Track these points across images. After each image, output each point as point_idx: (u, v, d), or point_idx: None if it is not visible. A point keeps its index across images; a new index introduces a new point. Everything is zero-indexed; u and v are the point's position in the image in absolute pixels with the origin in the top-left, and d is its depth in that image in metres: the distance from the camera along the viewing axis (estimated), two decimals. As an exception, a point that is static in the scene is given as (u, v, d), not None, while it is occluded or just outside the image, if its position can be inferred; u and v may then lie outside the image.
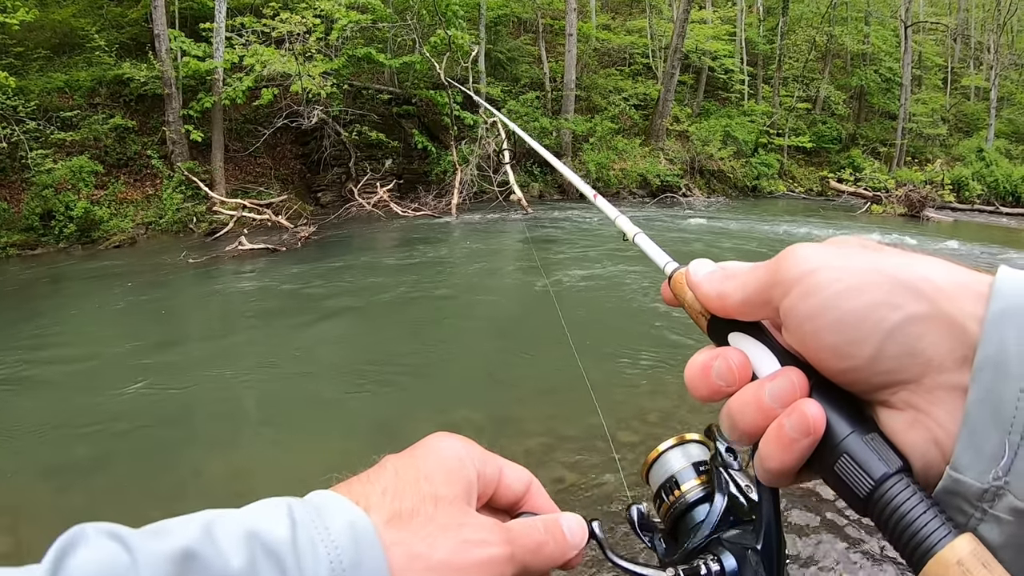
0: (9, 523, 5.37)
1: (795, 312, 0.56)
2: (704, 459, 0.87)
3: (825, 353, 0.55)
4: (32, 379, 8.89)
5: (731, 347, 0.63)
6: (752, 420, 0.58)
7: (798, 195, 29.06)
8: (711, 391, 0.62)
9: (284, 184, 22.90)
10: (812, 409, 0.54)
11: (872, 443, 0.53)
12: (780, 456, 0.55)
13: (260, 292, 12.81)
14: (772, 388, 0.57)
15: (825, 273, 0.55)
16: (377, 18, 23.53)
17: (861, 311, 0.52)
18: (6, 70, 17.85)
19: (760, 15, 35.72)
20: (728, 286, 0.63)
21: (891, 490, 0.51)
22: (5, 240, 17.40)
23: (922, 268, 0.53)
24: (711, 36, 30.58)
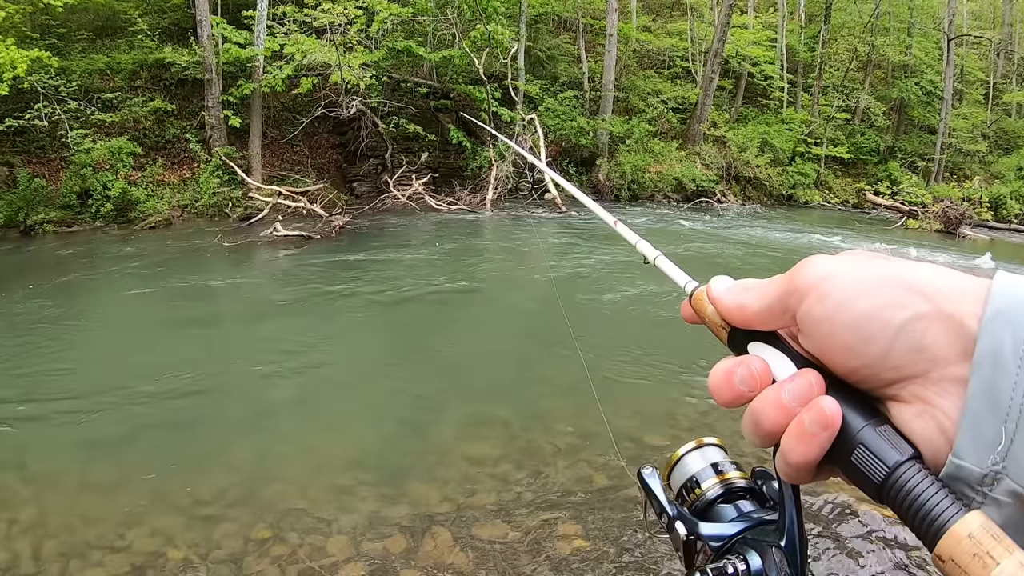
0: (35, 493, 5.34)
1: (811, 315, 0.60)
2: (721, 460, 0.93)
3: (839, 353, 0.59)
4: (63, 354, 8.91)
5: (752, 355, 0.66)
6: (773, 419, 0.61)
7: (833, 206, 28.71)
8: (734, 396, 0.65)
9: (320, 173, 22.92)
10: (829, 404, 0.58)
11: (885, 434, 0.57)
12: (801, 449, 0.59)
13: (293, 278, 12.80)
14: (791, 388, 0.61)
15: (839, 279, 0.59)
16: (418, 11, 23.50)
17: (872, 311, 0.57)
18: (49, 50, 17.86)
19: (802, 22, 35.41)
20: (747, 297, 0.67)
21: (904, 475, 0.55)
22: (43, 216, 17.56)
23: (926, 273, 0.58)
24: (752, 41, 30.33)
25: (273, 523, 4.78)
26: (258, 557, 4.42)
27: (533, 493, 5.16)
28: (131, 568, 4.34)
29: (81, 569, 4.34)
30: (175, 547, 4.53)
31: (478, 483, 5.33)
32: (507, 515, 4.85)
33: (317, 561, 4.38)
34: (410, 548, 4.52)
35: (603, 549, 4.49)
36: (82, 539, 4.63)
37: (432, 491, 5.22)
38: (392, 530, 4.70)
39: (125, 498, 5.15)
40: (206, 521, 4.84)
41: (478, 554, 4.46)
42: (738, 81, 31.39)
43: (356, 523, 4.79)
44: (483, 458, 5.74)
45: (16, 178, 17.96)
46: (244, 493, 5.23)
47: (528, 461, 5.66)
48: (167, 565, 4.37)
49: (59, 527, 4.80)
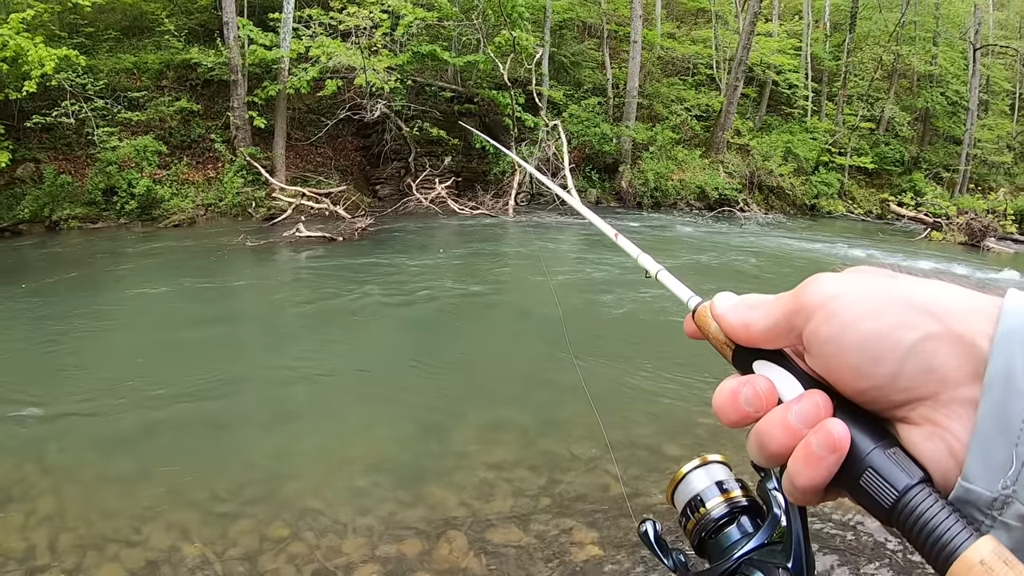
0: (53, 485, 5.38)
1: (818, 336, 0.59)
2: (725, 478, 0.91)
3: (847, 374, 0.58)
4: (84, 348, 9.00)
5: (757, 374, 0.65)
6: (780, 441, 0.60)
7: (857, 216, 28.47)
8: (739, 416, 0.64)
9: (343, 175, 23.04)
10: (837, 427, 0.57)
11: (894, 456, 0.56)
12: (809, 473, 0.58)
13: (314, 280, 12.88)
14: (798, 410, 0.60)
15: (846, 298, 0.58)
16: (443, 16, 23.54)
17: (881, 332, 0.56)
18: (77, 49, 18.06)
19: (827, 30, 35.20)
20: (752, 315, 0.66)
21: (914, 499, 0.54)
22: (68, 212, 17.79)
23: (935, 292, 0.57)
24: (776, 49, 30.18)
25: (290, 522, 4.79)
26: (274, 555, 4.44)
27: (549, 499, 5.15)
28: (146, 563, 4.36)
29: (97, 562, 4.36)
30: (191, 543, 4.55)
31: (494, 488, 5.33)
32: (522, 521, 4.85)
33: (332, 561, 4.40)
34: (425, 551, 4.53)
35: (617, 558, 4.48)
36: (98, 532, 4.66)
37: (449, 495, 5.22)
38: (408, 533, 4.71)
39: (142, 493, 5.18)
40: (223, 518, 4.86)
41: (493, 559, 4.46)
42: (762, 89, 31.21)
43: (372, 525, 4.79)
44: (500, 463, 5.74)
45: (43, 174, 18.18)
46: (261, 491, 5.25)
47: (545, 467, 5.65)
48: (183, 561, 4.38)
49: (76, 519, 4.84)
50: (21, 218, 17.62)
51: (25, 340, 9.28)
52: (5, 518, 4.84)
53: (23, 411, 6.72)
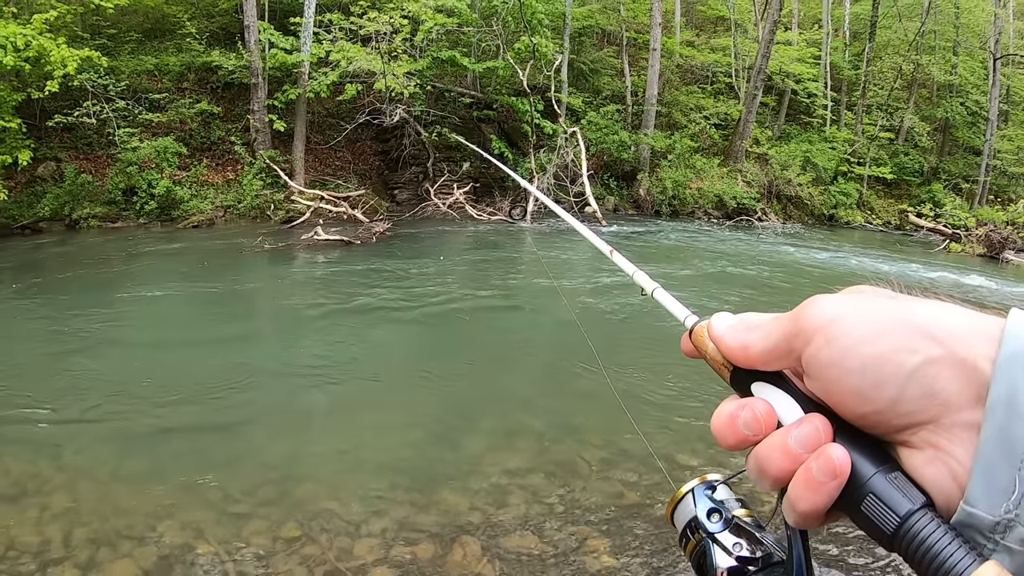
0: (68, 481, 5.40)
1: (818, 359, 0.59)
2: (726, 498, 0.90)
3: (848, 398, 0.58)
4: (101, 346, 9.05)
5: (756, 397, 0.65)
6: (780, 466, 0.60)
7: (875, 227, 28.31)
8: (738, 440, 0.64)
9: (362, 179, 23.14)
10: (838, 452, 0.57)
11: (896, 481, 0.56)
12: (809, 498, 0.58)
13: (332, 283, 12.89)
14: (798, 434, 0.60)
15: (846, 321, 0.58)
16: (463, 22, 23.58)
17: (882, 356, 0.55)
18: (99, 50, 18.16)
19: (846, 39, 35.04)
20: (751, 337, 0.66)
21: (916, 525, 0.54)
22: (88, 211, 17.98)
23: (936, 314, 0.56)
24: (795, 58, 30.09)
25: (303, 523, 4.79)
26: (287, 556, 4.44)
27: (563, 507, 5.13)
28: (160, 560, 4.37)
29: (110, 558, 4.37)
30: (205, 542, 4.56)
31: (508, 494, 5.31)
32: (536, 528, 4.83)
33: (345, 563, 4.39)
34: (438, 556, 4.51)
35: (631, 567, 4.46)
36: (112, 528, 4.68)
37: (462, 500, 5.21)
38: (421, 537, 4.70)
39: (156, 491, 5.19)
40: (236, 518, 4.86)
41: (506, 565, 4.44)
42: (781, 98, 31.12)
43: (386, 528, 4.79)
44: (514, 470, 5.72)
45: (63, 173, 18.36)
46: (275, 492, 5.26)
47: (559, 475, 5.63)
48: (196, 560, 4.39)
49: (90, 515, 4.85)
50: (41, 216, 17.80)
51: (41, 338, 9.32)
52: (20, 512, 4.87)
53: (38, 409, 6.75)
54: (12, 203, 17.44)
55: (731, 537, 0.85)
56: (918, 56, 32.68)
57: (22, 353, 8.67)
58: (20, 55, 15.84)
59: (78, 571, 4.27)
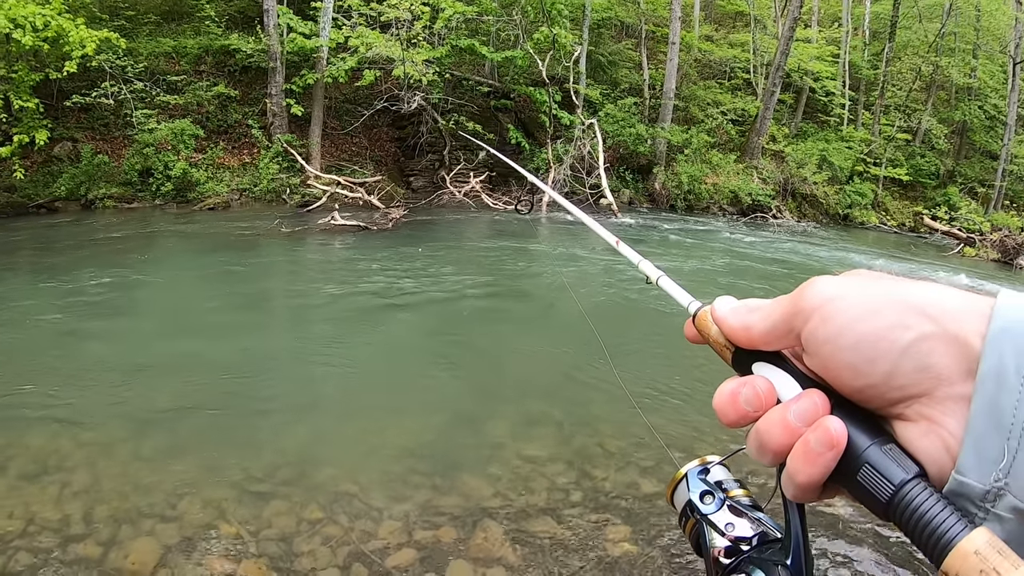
0: (89, 458, 5.39)
1: (816, 336, 0.62)
2: (724, 479, 0.93)
3: (844, 372, 0.60)
4: (120, 326, 9.08)
5: (756, 375, 0.67)
6: (779, 439, 0.62)
7: (889, 228, 28.17)
8: (739, 416, 0.66)
9: (378, 165, 23.18)
10: (835, 424, 0.59)
11: (890, 452, 0.58)
12: (807, 470, 0.60)
13: (348, 268, 12.93)
14: (797, 408, 0.62)
15: (843, 300, 0.61)
16: (482, 11, 23.59)
17: (877, 332, 0.58)
18: (117, 31, 18.22)
19: (866, 38, 34.92)
20: (752, 318, 0.68)
21: (910, 493, 0.56)
22: (104, 191, 18.05)
23: (930, 293, 0.59)
24: (814, 56, 29.95)
25: (325, 505, 4.77)
26: (309, 537, 4.41)
27: (583, 494, 5.12)
28: (181, 538, 4.34)
29: (131, 536, 4.34)
30: (227, 521, 4.53)
31: (529, 480, 5.30)
32: (557, 514, 4.82)
33: (367, 545, 4.37)
34: (460, 539, 4.50)
35: (651, 555, 4.45)
36: (133, 506, 4.64)
37: (484, 485, 5.19)
38: (443, 520, 4.69)
39: (178, 470, 5.16)
40: (258, 498, 4.83)
41: (528, 550, 4.42)
42: (799, 96, 31.02)
43: (408, 511, 4.77)
44: (535, 457, 5.71)
45: (80, 153, 18.40)
46: (297, 473, 5.23)
47: (579, 463, 5.62)
48: (218, 538, 4.36)
49: (111, 493, 4.82)
50: (57, 196, 17.83)
51: (59, 317, 9.32)
52: (41, 490, 4.84)
53: (57, 387, 6.75)
54: (28, 182, 17.50)
55: (725, 518, 0.87)
56: (937, 58, 32.54)
57: (40, 332, 8.66)
58: (38, 35, 15.86)
59: (100, 548, 4.24)
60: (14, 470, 5.11)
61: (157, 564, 4.12)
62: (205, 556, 4.20)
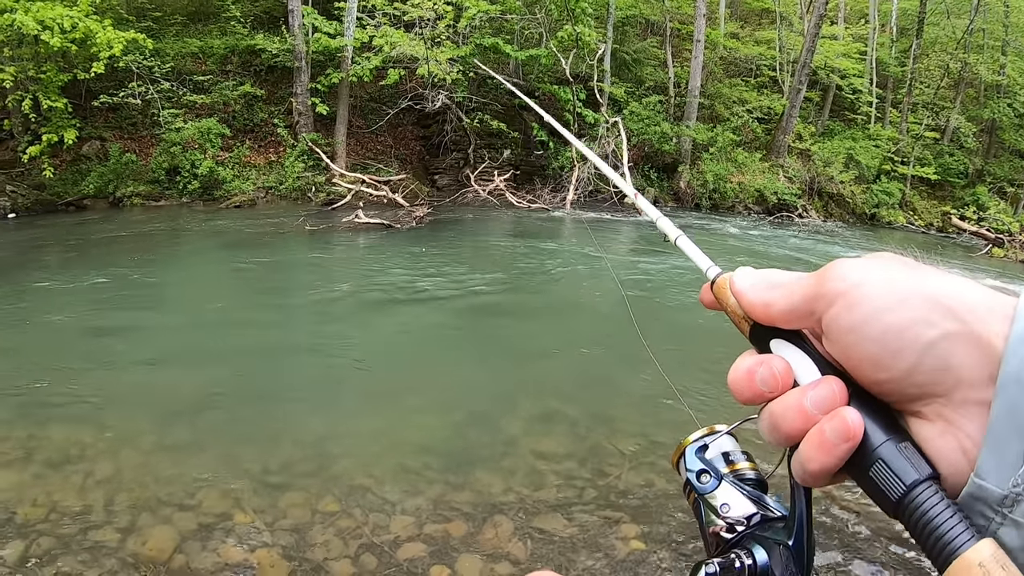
0: (111, 448, 5.52)
1: (838, 323, 0.60)
2: (732, 450, 0.91)
3: (865, 363, 0.59)
4: (144, 320, 9.26)
5: (774, 354, 0.66)
6: (793, 425, 0.61)
7: (917, 228, 27.79)
8: (754, 395, 0.65)
9: (403, 164, 23.28)
10: (852, 416, 0.58)
11: (905, 451, 0.57)
12: (821, 459, 0.59)
13: (372, 265, 13.00)
14: (814, 395, 0.61)
15: (868, 288, 0.59)
16: (506, 9, 23.59)
17: (901, 326, 0.56)
18: (144, 32, 18.48)
19: (893, 35, 34.49)
20: (773, 295, 0.67)
21: (921, 496, 0.55)
22: (132, 189, 18.36)
23: (957, 289, 0.57)
24: (841, 53, 29.54)
25: (340, 497, 4.86)
26: (323, 528, 4.50)
27: (595, 491, 5.16)
28: (199, 527, 4.46)
29: (150, 523, 4.47)
30: (243, 511, 4.63)
31: (542, 477, 5.35)
32: (567, 511, 4.86)
33: (380, 537, 4.45)
34: (471, 533, 4.56)
35: (659, 553, 4.48)
36: (153, 495, 4.77)
37: (496, 481, 5.25)
38: (455, 515, 4.75)
39: (197, 461, 5.29)
40: (274, 489, 4.94)
41: (537, 545, 4.48)
42: (825, 93, 30.68)
43: (420, 505, 4.84)
44: (549, 453, 5.76)
45: (108, 152, 18.74)
46: (313, 467, 5.34)
47: (592, 461, 5.66)
48: (234, 528, 4.46)
49: (132, 482, 4.96)
50: (86, 193, 18.22)
51: (86, 311, 9.48)
52: (64, 479, 4.98)
53: (82, 380, 6.90)
54: (58, 180, 17.87)
55: (722, 497, 0.86)
56: (966, 55, 32.13)
57: (67, 326, 8.83)
58: (66, 36, 16.13)
59: (119, 534, 4.36)
60: (39, 460, 5.26)
61: (174, 551, 4.24)
62: (220, 545, 4.30)
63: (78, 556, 4.16)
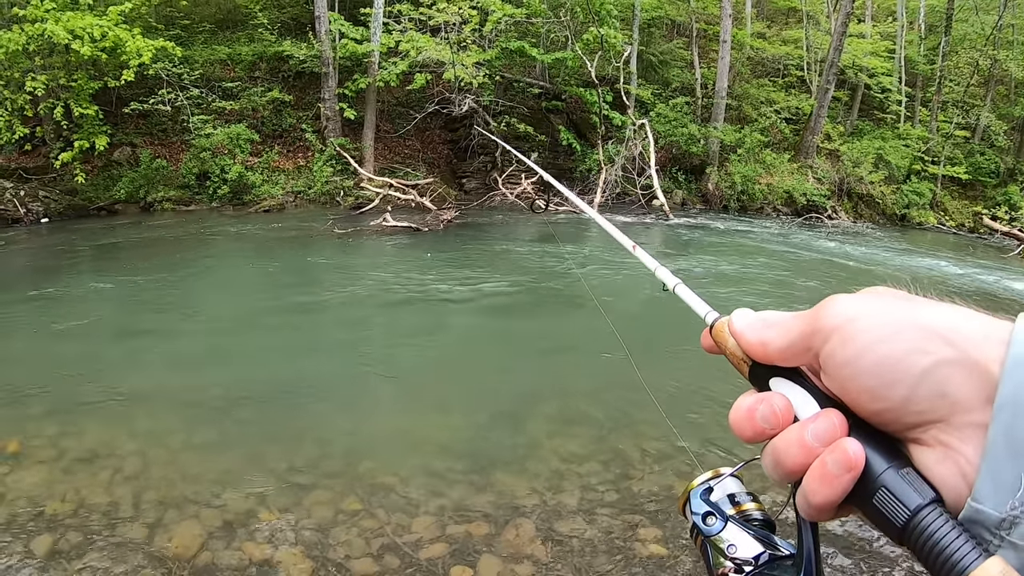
0: (140, 447, 5.61)
1: (835, 357, 0.61)
2: (737, 491, 0.93)
3: (862, 395, 0.60)
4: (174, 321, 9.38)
5: (773, 392, 0.67)
6: (795, 459, 0.62)
7: (948, 229, 27.37)
8: (756, 433, 0.66)
9: (430, 167, 23.34)
10: (853, 447, 0.59)
11: (907, 477, 0.58)
12: (823, 491, 0.60)
13: (399, 268, 13.03)
14: (814, 428, 0.62)
15: (863, 321, 0.60)
16: (531, 13, 23.57)
17: (896, 356, 0.57)
18: (173, 40, 18.75)
19: (921, 32, 34.05)
20: (770, 334, 0.68)
21: (925, 519, 0.55)
22: (162, 194, 18.63)
23: (952, 318, 0.58)
24: (869, 52, 29.22)
25: (363, 497, 4.92)
26: (346, 528, 4.56)
27: (617, 495, 5.16)
28: (224, 524, 4.54)
29: (177, 519, 4.56)
30: (268, 510, 4.71)
31: (564, 479, 5.36)
32: (589, 514, 4.88)
33: (402, 537, 4.49)
34: (493, 535, 4.59)
35: (680, 557, 4.48)
36: (180, 493, 4.87)
37: (519, 483, 5.27)
38: (477, 516, 4.79)
39: (223, 460, 5.40)
40: (299, 489, 5.01)
41: (557, 548, 4.50)
42: (854, 93, 30.35)
43: (443, 505, 4.88)
44: (571, 456, 5.77)
45: (139, 157, 19.06)
46: (337, 466, 5.41)
47: (615, 464, 5.65)
48: (259, 526, 4.54)
49: (159, 480, 5.06)
50: (117, 198, 18.54)
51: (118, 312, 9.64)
52: (93, 475, 5.08)
53: (113, 378, 7.02)
54: (89, 186, 18.19)
55: (728, 539, 0.87)
56: (995, 51, 31.72)
57: (97, 327, 8.98)
58: (96, 45, 16.39)
59: (146, 531, 4.45)
60: (68, 457, 5.38)
61: (199, 548, 4.32)
62: (245, 542, 4.38)
63: (105, 551, 4.24)
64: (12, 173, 18.07)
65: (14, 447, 5.52)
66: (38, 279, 11.59)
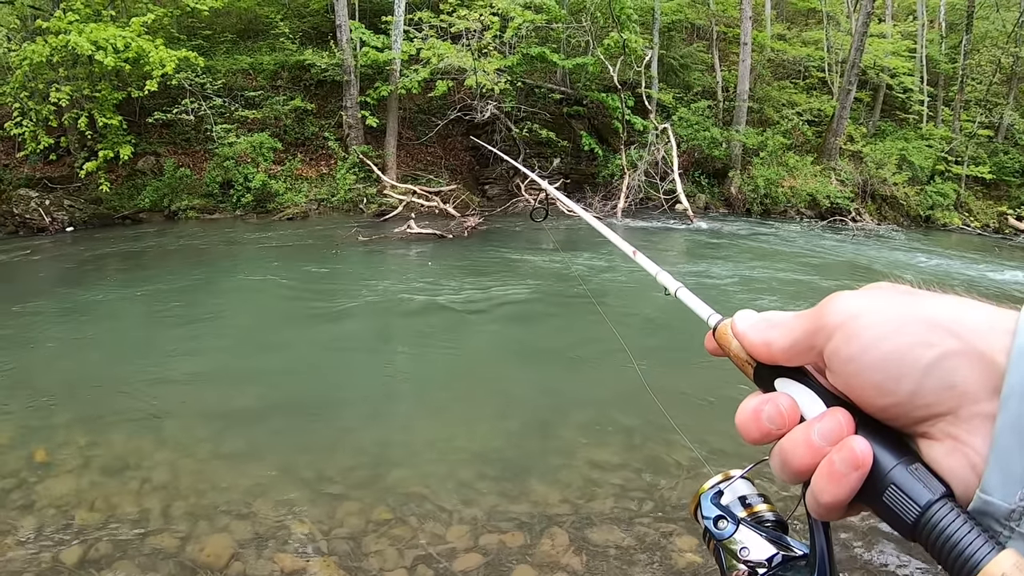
0: (169, 457, 5.60)
1: (839, 354, 0.61)
2: (748, 493, 0.92)
3: (868, 391, 0.60)
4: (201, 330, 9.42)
5: (779, 392, 0.67)
6: (803, 459, 0.61)
7: (973, 230, 27.13)
8: (762, 434, 0.65)
9: (453, 174, 23.40)
10: (860, 444, 0.59)
11: (916, 472, 0.57)
12: (832, 490, 0.59)
13: (424, 275, 13.07)
14: (821, 428, 0.61)
15: (866, 318, 0.60)
16: (552, 18, 23.56)
17: (900, 350, 0.57)
18: (195, 51, 18.92)
19: (942, 31, 33.80)
20: (773, 334, 0.68)
21: (936, 514, 0.55)
22: (186, 203, 18.78)
23: (956, 309, 0.58)
24: (890, 51, 29.03)
25: (395, 507, 4.87)
26: (377, 537, 4.52)
27: (652, 503, 5.10)
28: (255, 535, 4.50)
29: (207, 531, 4.52)
30: (299, 520, 4.67)
31: (598, 488, 5.31)
32: (624, 523, 4.82)
33: (435, 547, 4.45)
34: (527, 545, 4.54)
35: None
36: (210, 503, 4.84)
37: (552, 491, 5.22)
38: (510, 525, 4.73)
39: (253, 470, 5.35)
40: (331, 498, 4.97)
41: (593, 558, 4.44)
42: (876, 93, 30.16)
43: (476, 515, 4.83)
44: (604, 463, 5.72)
45: (162, 167, 19.23)
46: (368, 476, 5.36)
47: (648, 471, 5.60)
48: (290, 536, 4.50)
49: (189, 490, 5.03)
50: (142, 207, 18.68)
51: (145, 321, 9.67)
52: (122, 485, 5.07)
53: (140, 387, 7.02)
54: (114, 195, 18.36)
55: (740, 541, 0.87)
56: (1017, 48, 31.43)
57: (124, 336, 9.01)
58: (120, 56, 16.53)
59: (176, 540, 4.42)
60: (97, 465, 5.38)
61: (231, 558, 4.29)
62: (276, 553, 4.34)
63: (135, 560, 4.22)
64: (37, 183, 18.30)
65: (41, 456, 5.52)
66: (64, 288, 11.65)
